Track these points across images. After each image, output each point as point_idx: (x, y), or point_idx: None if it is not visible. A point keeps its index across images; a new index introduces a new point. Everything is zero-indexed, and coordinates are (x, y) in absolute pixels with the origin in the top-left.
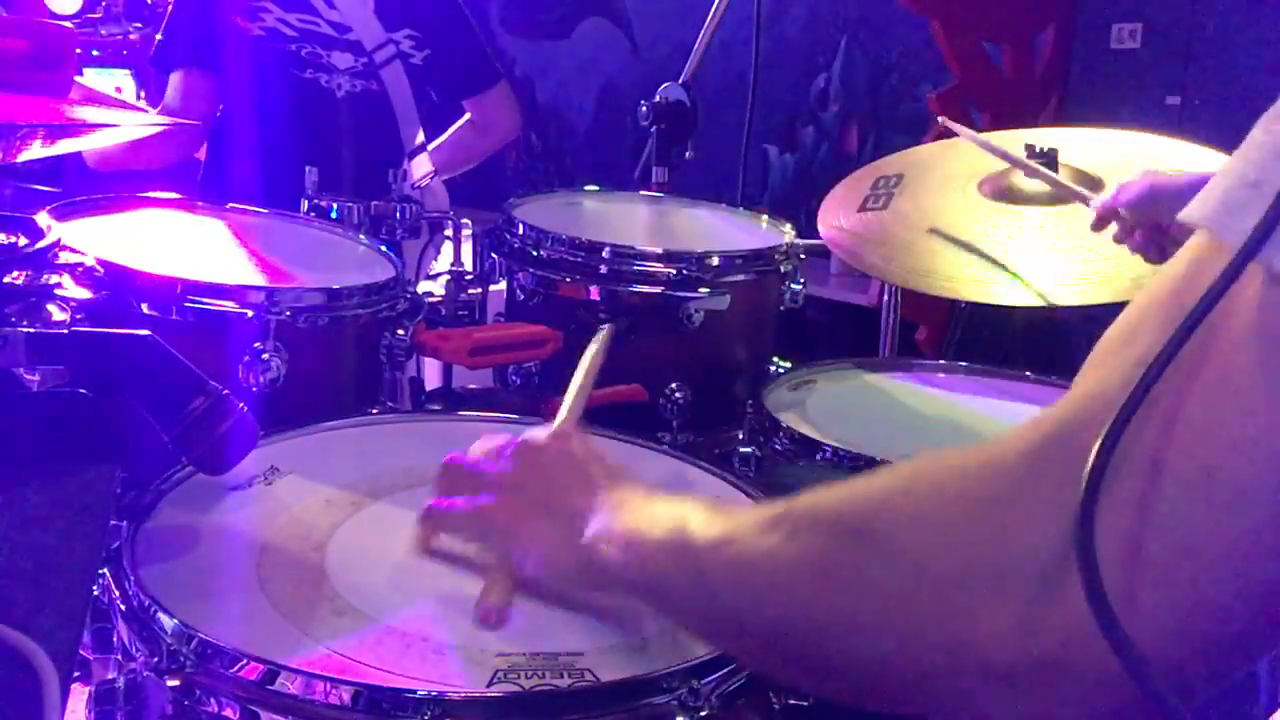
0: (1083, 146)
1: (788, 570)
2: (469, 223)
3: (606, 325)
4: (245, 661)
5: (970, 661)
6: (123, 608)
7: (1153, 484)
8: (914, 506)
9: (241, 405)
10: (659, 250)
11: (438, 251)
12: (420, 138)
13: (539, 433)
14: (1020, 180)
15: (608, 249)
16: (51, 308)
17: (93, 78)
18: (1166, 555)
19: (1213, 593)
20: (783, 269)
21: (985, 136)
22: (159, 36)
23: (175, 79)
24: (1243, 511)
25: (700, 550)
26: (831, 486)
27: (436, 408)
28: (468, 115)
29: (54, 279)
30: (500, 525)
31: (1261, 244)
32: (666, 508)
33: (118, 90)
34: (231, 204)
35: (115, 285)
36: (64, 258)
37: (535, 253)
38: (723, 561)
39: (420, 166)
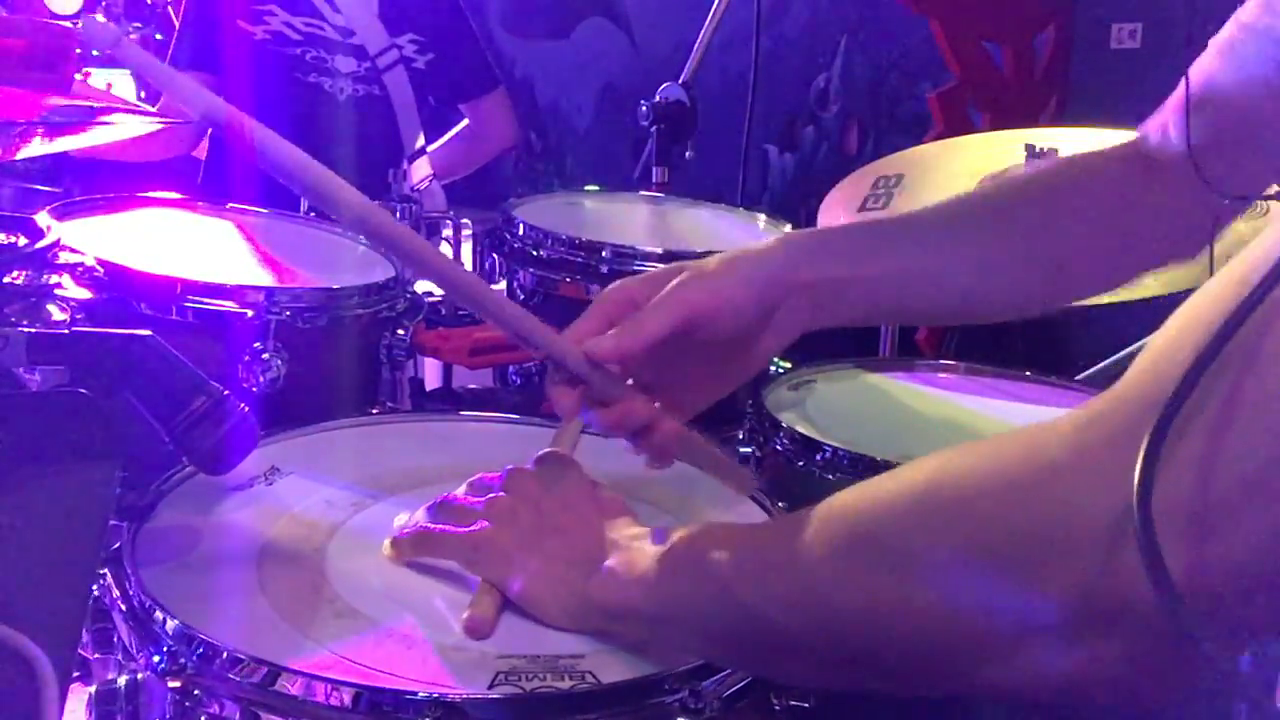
0: (1083, 146)
1: (834, 570)
2: (469, 223)
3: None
4: (246, 663)
5: (1031, 626)
6: (123, 608)
7: (1220, 436)
8: (960, 486)
9: (242, 405)
10: (659, 250)
11: None
12: (420, 141)
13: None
14: None
15: (608, 249)
16: (51, 308)
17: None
18: (1233, 496)
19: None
20: None
21: None
22: (158, 37)
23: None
24: None
25: (725, 569)
26: (857, 486)
27: (436, 408)
28: (465, 121)
29: (54, 279)
30: (493, 555)
31: None
32: (675, 537)
33: (108, 86)
34: (231, 204)
35: (115, 285)
36: (64, 258)
37: (535, 253)
38: (756, 574)
39: (419, 170)
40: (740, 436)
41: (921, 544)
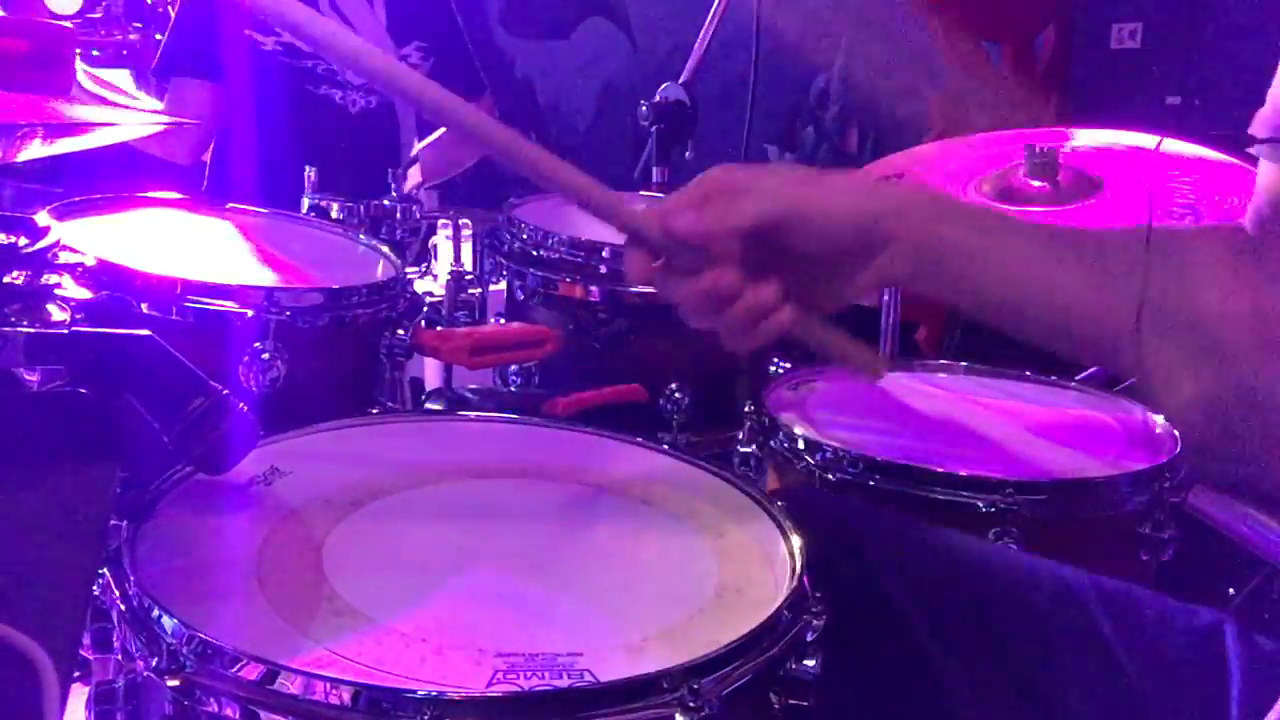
0: (1082, 146)
1: None
2: (468, 223)
3: None
4: (245, 662)
5: None
6: (123, 608)
7: None
8: None
9: (241, 405)
10: None
11: (430, 256)
12: (417, 148)
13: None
14: (1021, 180)
15: (608, 249)
16: (51, 308)
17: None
18: None
19: None
20: None
21: None
22: (158, 37)
23: (174, 86)
24: None
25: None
26: None
27: (437, 408)
28: None
29: (54, 279)
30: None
31: None
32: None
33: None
34: (231, 204)
35: (115, 285)
36: (64, 258)
37: (535, 253)
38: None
39: (413, 176)
40: (740, 436)
41: None
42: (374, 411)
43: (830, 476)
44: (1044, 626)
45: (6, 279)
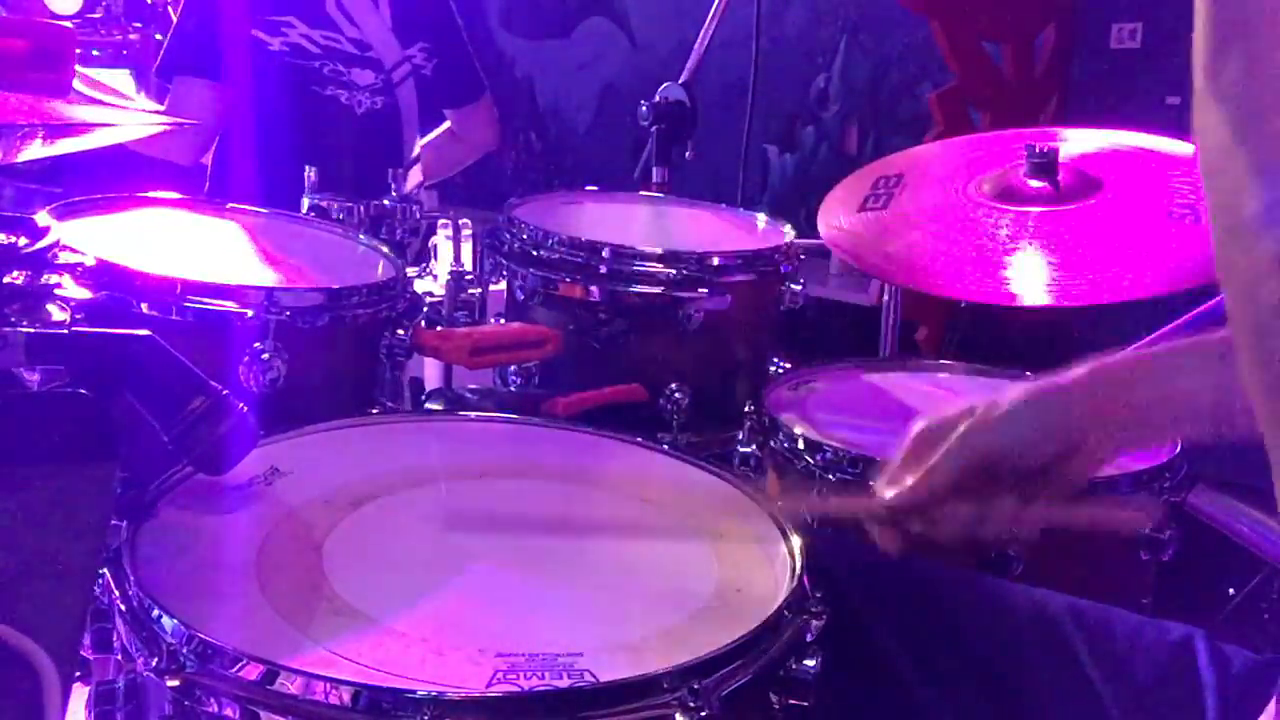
0: (1083, 146)
1: None
2: (469, 223)
3: None
4: (245, 662)
5: None
6: (122, 608)
7: None
8: None
9: (241, 405)
10: (659, 250)
11: (427, 257)
12: (418, 146)
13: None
14: (1020, 180)
15: (608, 249)
16: (51, 308)
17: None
18: None
19: None
20: (782, 269)
21: None
22: (158, 37)
23: (177, 85)
24: None
25: None
26: None
27: (437, 408)
28: (447, 124)
29: (54, 279)
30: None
31: None
32: None
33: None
34: (232, 204)
35: (115, 285)
36: (64, 258)
37: (535, 253)
38: None
39: (414, 176)
40: (740, 436)
41: None
42: (374, 411)
43: (830, 476)
44: (1020, 650)
45: (6, 279)
